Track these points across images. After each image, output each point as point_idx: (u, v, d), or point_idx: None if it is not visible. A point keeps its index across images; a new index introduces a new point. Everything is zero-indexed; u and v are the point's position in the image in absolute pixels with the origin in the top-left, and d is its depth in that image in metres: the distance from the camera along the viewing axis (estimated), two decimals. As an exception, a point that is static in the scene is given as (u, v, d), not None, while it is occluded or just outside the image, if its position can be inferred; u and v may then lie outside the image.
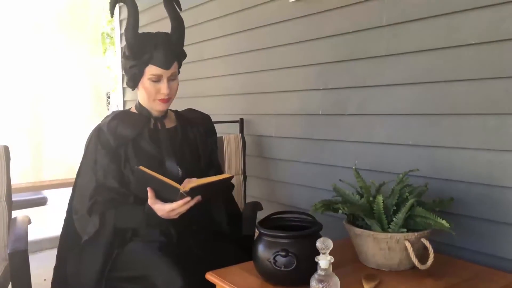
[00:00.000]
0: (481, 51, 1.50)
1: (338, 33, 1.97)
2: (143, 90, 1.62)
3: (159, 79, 1.59)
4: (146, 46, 1.57)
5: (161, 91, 1.60)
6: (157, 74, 1.58)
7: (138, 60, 1.57)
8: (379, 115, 1.84)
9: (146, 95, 1.62)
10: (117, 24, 4.23)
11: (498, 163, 1.47)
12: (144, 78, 1.59)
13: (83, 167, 1.65)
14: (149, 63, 1.57)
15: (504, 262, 1.46)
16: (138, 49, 1.56)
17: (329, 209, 1.47)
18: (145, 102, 1.66)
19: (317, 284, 1.07)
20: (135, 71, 1.58)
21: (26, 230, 1.92)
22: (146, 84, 1.59)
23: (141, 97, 1.67)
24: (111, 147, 1.59)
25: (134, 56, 1.57)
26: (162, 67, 1.58)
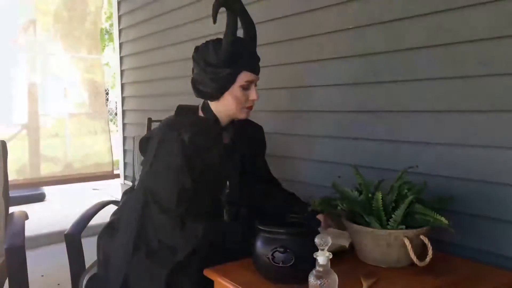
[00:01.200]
0: (480, 48, 1.49)
1: (339, 29, 1.96)
2: (231, 99, 1.53)
3: (249, 86, 1.54)
4: (240, 53, 1.51)
5: (250, 97, 1.54)
6: (250, 80, 1.53)
7: (233, 67, 1.49)
8: (379, 111, 1.83)
9: (235, 103, 1.53)
10: (116, 20, 4.22)
11: (498, 160, 1.47)
12: (235, 86, 1.52)
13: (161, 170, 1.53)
14: (243, 70, 1.51)
15: (503, 259, 1.46)
16: (235, 56, 1.49)
17: (328, 205, 1.47)
18: (228, 110, 1.56)
19: (315, 280, 1.07)
20: (227, 79, 1.50)
21: (23, 225, 1.91)
22: (237, 92, 1.52)
23: (222, 106, 1.56)
24: (189, 156, 1.50)
25: (229, 63, 1.49)
26: (254, 73, 1.54)
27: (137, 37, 3.89)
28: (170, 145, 1.51)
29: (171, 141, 1.51)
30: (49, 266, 3.17)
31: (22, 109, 4.27)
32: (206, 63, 1.51)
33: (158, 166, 1.53)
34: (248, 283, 1.27)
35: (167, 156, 1.51)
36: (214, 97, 1.54)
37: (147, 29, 3.70)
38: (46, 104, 4.35)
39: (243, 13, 1.55)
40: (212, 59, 1.50)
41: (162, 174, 1.52)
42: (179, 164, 1.48)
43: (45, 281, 2.96)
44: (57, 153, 4.37)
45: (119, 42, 4.20)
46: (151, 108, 3.67)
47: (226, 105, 1.55)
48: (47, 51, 4.32)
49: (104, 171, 4.46)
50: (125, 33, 4.10)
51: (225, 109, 1.57)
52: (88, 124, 4.53)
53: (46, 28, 4.35)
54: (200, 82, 1.54)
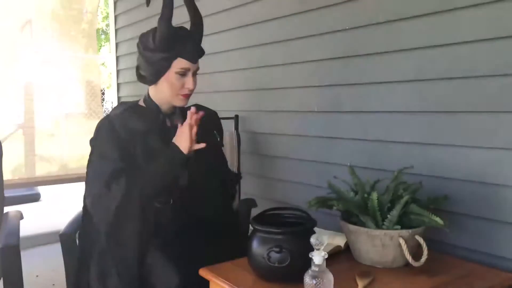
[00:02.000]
0: (476, 49, 1.50)
1: (334, 30, 1.96)
2: (166, 84, 1.57)
3: (185, 73, 1.56)
4: (176, 39, 1.54)
5: (186, 85, 1.57)
6: (185, 68, 1.55)
7: (168, 52, 1.53)
8: (374, 112, 1.84)
9: (170, 89, 1.57)
10: (112, 20, 4.21)
11: (492, 161, 1.47)
12: (170, 72, 1.55)
13: (97, 154, 1.57)
14: (178, 56, 1.54)
15: (497, 259, 1.46)
16: (169, 41, 1.53)
17: (324, 205, 1.47)
18: (164, 97, 1.61)
19: (310, 280, 1.07)
20: (163, 64, 1.54)
21: (18, 225, 1.90)
22: (172, 78, 1.55)
23: (159, 92, 1.61)
24: (121, 141, 1.55)
25: (165, 48, 1.53)
26: (190, 61, 1.56)
27: (134, 37, 3.88)
28: (101, 135, 1.56)
29: (102, 130, 1.57)
30: (43, 266, 3.16)
31: (18, 108, 4.25)
32: (144, 48, 1.57)
33: (92, 157, 1.58)
34: (243, 282, 1.27)
35: (100, 146, 1.56)
36: (151, 81, 1.60)
37: (143, 29, 3.67)
38: (42, 104, 4.33)
39: (188, 2, 1.61)
40: (150, 44, 1.55)
41: (95, 163, 1.56)
42: (109, 151, 1.52)
43: (39, 281, 2.95)
44: (53, 153, 4.35)
45: (116, 42, 4.19)
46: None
47: (161, 91, 1.60)
48: (43, 51, 4.30)
49: (99, 171, 4.44)
50: (122, 33, 4.09)
51: (161, 95, 1.61)
52: (84, 124, 4.52)
53: (43, 28, 4.34)
54: (140, 66, 1.61)
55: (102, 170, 1.50)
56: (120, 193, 1.45)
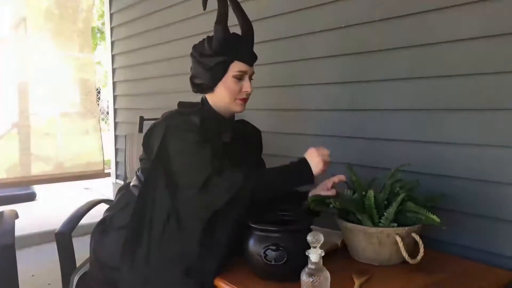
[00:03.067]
0: (473, 46, 1.50)
1: (330, 28, 1.96)
2: (224, 89, 1.52)
3: (242, 76, 1.53)
4: (232, 43, 1.51)
5: (244, 89, 1.53)
6: (243, 71, 1.52)
7: (225, 56, 1.49)
8: (372, 110, 1.84)
9: (228, 95, 1.52)
10: (108, 18, 4.19)
11: (490, 158, 1.47)
12: (227, 76, 1.51)
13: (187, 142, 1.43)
14: (235, 59, 1.51)
15: (494, 257, 1.47)
16: (226, 45, 1.50)
17: (321, 204, 1.47)
18: (222, 102, 1.55)
19: (307, 278, 1.07)
20: (220, 68, 1.50)
21: (13, 224, 1.89)
22: (229, 82, 1.51)
23: (217, 98, 1.55)
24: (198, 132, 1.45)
25: (221, 52, 1.49)
26: (247, 63, 1.53)
27: (129, 35, 3.87)
28: (179, 127, 1.46)
29: (179, 124, 1.47)
30: (39, 266, 3.15)
31: (13, 107, 4.22)
32: (200, 55, 1.53)
33: (173, 148, 1.45)
34: (240, 280, 1.26)
35: (180, 135, 1.45)
36: (208, 88, 1.54)
37: (139, 27, 3.68)
38: (37, 103, 4.31)
39: (237, 7, 1.57)
40: (206, 50, 1.51)
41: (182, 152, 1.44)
42: (196, 138, 1.43)
43: (35, 281, 2.93)
44: (48, 152, 4.33)
45: (111, 40, 4.17)
46: (143, 106, 3.65)
47: (220, 96, 1.54)
48: (38, 49, 4.28)
49: (95, 170, 4.43)
50: (117, 31, 4.08)
51: (220, 101, 1.55)
52: (80, 123, 4.50)
53: (37, 26, 4.31)
54: (196, 75, 1.55)
55: (201, 155, 1.40)
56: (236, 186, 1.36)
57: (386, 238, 1.34)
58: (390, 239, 1.34)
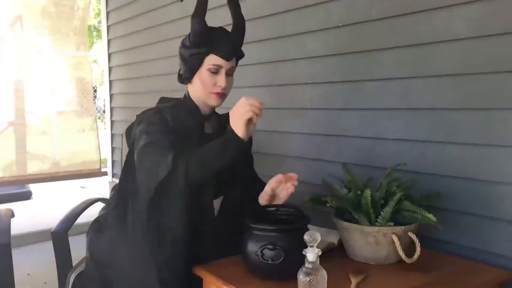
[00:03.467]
0: (470, 45, 1.50)
1: (327, 27, 1.96)
2: (198, 82, 1.54)
3: (218, 71, 1.53)
4: (209, 36, 1.52)
5: (218, 83, 1.53)
6: (217, 65, 1.52)
7: (200, 48, 1.51)
8: (368, 109, 1.84)
9: (202, 87, 1.53)
10: (104, 17, 4.18)
11: (486, 158, 1.48)
12: (202, 69, 1.52)
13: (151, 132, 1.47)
14: (210, 52, 1.51)
15: (490, 256, 1.47)
16: (202, 37, 1.51)
17: (317, 202, 1.47)
18: (199, 95, 1.56)
19: (304, 277, 1.07)
20: (194, 60, 1.52)
21: (8, 223, 1.88)
22: (204, 75, 1.52)
23: (193, 90, 1.58)
24: (172, 130, 1.49)
25: (197, 44, 1.51)
26: (223, 58, 1.53)
27: (126, 34, 3.86)
28: (153, 121, 1.51)
29: (154, 118, 1.52)
30: (35, 265, 3.14)
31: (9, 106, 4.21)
32: (181, 46, 1.57)
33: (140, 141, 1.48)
34: (237, 280, 1.26)
35: (151, 127, 1.49)
36: (185, 78, 1.58)
37: (135, 26, 3.67)
38: (33, 101, 4.29)
39: (233, 2, 1.58)
40: (186, 42, 1.55)
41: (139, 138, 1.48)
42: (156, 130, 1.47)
43: (31, 280, 2.93)
44: (44, 151, 4.31)
45: (107, 39, 4.16)
46: (140, 105, 3.64)
47: (196, 89, 1.57)
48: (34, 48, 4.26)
49: (91, 169, 4.42)
50: (113, 30, 4.07)
51: (196, 94, 1.58)
52: (76, 122, 4.49)
53: (33, 25, 4.29)
54: (179, 66, 1.60)
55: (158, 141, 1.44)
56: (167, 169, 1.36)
57: (382, 237, 1.35)
58: (386, 238, 1.34)
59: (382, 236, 1.35)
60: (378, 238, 1.35)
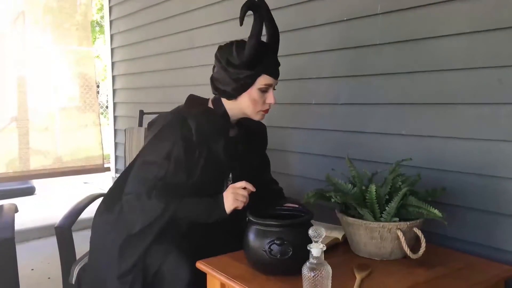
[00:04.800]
0: (474, 40, 1.49)
1: (332, 21, 1.95)
2: (248, 100, 1.53)
3: (267, 89, 1.54)
4: (261, 55, 1.51)
5: (268, 100, 1.55)
6: (269, 84, 1.53)
7: (254, 70, 1.50)
8: (372, 104, 1.83)
9: (252, 106, 1.53)
10: (107, 12, 4.17)
11: (491, 153, 1.47)
12: (253, 88, 1.52)
13: (154, 150, 1.53)
14: (263, 73, 1.51)
15: (496, 252, 1.47)
16: (255, 59, 1.49)
17: (321, 198, 1.46)
18: (244, 112, 1.57)
19: (309, 272, 1.06)
20: (247, 81, 1.50)
21: (12, 218, 1.89)
22: (254, 94, 1.52)
23: (237, 105, 1.56)
24: (191, 143, 1.51)
25: (251, 66, 1.49)
26: (274, 77, 1.54)
27: (128, 29, 3.85)
28: (173, 130, 1.51)
29: (175, 125, 1.52)
30: (39, 260, 3.15)
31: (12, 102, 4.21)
32: (227, 63, 1.51)
33: (151, 147, 1.54)
34: (240, 275, 1.26)
35: (167, 138, 1.51)
36: (231, 96, 1.54)
37: (138, 21, 3.66)
38: (36, 97, 4.29)
39: (269, 18, 1.55)
40: (234, 60, 1.50)
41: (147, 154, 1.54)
42: (163, 152, 1.50)
43: (35, 275, 2.93)
44: (47, 147, 4.32)
45: (110, 34, 4.15)
46: (143, 100, 3.64)
47: (242, 105, 1.56)
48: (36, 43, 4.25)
49: (94, 165, 4.42)
50: (116, 25, 4.06)
51: (240, 109, 1.57)
52: (79, 117, 4.48)
53: (36, 20, 4.28)
54: (220, 80, 1.55)
55: (152, 173, 1.50)
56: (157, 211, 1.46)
57: (387, 233, 1.34)
58: (391, 234, 1.34)
59: (387, 231, 1.34)
60: (383, 234, 1.34)
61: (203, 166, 1.52)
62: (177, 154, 1.49)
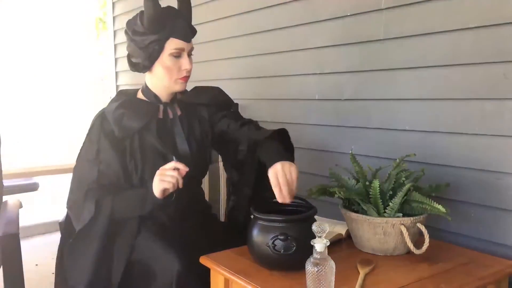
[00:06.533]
0: (479, 35, 1.48)
1: (335, 17, 1.94)
2: (161, 69, 1.48)
3: (180, 54, 1.48)
4: (165, 19, 1.45)
5: (183, 67, 1.49)
6: (180, 48, 1.47)
7: (158, 34, 1.44)
8: (376, 100, 1.82)
9: (167, 74, 1.49)
10: (110, 8, 4.17)
11: (495, 148, 1.46)
12: (163, 55, 1.47)
13: (83, 154, 1.52)
14: (170, 36, 1.45)
15: (499, 247, 1.46)
16: (158, 22, 1.44)
17: (325, 193, 1.47)
18: (162, 84, 1.53)
19: (312, 267, 1.06)
20: (154, 47, 1.45)
21: (17, 213, 1.90)
22: (167, 61, 1.47)
23: (155, 79, 1.53)
24: (115, 138, 1.48)
25: (154, 29, 1.43)
26: (184, 40, 1.48)
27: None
28: (95, 129, 1.51)
29: (97, 124, 1.51)
30: (43, 255, 3.16)
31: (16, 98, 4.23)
32: (133, 33, 1.48)
33: (81, 152, 1.54)
34: (244, 270, 1.26)
35: (91, 139, 1.51)
36: (145, 67, 1.51)
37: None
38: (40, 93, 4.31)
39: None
40: (139, 28, 1.47)
41: (79, 161, 1.53)
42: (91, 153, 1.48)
43: (39, 270, 2.95)
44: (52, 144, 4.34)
45: (113, 30, 4.15)
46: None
47: (158, 77, 1.52)
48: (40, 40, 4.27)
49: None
50: (119, 21, 4.05)
51: (159, 82, 1.53)
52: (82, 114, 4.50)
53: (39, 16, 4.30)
54: (132, 54, 1.53)
55: (85, 176, 1.48)
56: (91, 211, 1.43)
57: (391, 228, 1.34)
58: (395, 229, 1.34)
59: (390, 227, 1.34)
60: (387, 229, 1.34)
61: (141, 157, 1.49)
62: (104, 154, 1.47)
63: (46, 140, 4.33)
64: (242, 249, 1.38)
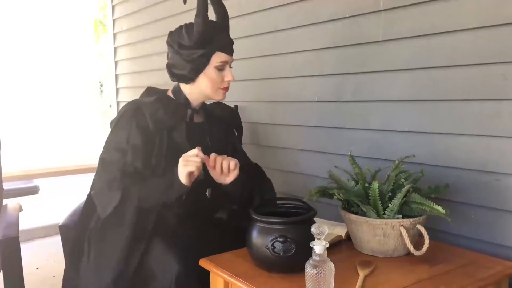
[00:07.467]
0: (478, 36, 1.48)
1: (334, 18, 1.94)
2: (206, 81, 1.54)
3: (224, 66, 1.55)
4: (212, 33, 1.52)
5: (226, 78, 1.56)
6: (225, 61, 1.54)
7: (206, 48, 1.50)
8: (375, 101, 1.82)
9: (211, 85, 1.55)
10: (110, 10, 4.17)
11: (495, 149, 1.46)
12: (209, 67, 1.53)
13: (111, 142, 1.53)
14: (216, 51, 1.52)
15: (499, 248, 1.46)
16: (206, 37, 1.50)
17: (324, 195, 1.47)
18: (204, 93, 1.58)
19: (312, 269, 1.06)
20: (202, 61, 1.51)
21: (17, 217, 1.90)
22: (212, 73, 1.54)
23: (196, 88, 1.58)
24: (146, 130, 1.51)
25: (203, 44, 1.50)
26: (228, 53, 1.55)
27: (132, 27, 3.86)
28: (128, 119, 1.52)
29: (130, 114, 1.53)
30: (44, 258, 3.17)
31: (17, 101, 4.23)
32: (180, 46, 1.53)
33: (109, 139, 1.55)
34: (244, 273, 1.26)
35: (122, 128, 1.52)
36: (189, 79, 1.56)
37: (141, 19, 3.66)
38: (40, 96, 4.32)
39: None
40: (186, 42, 1.52)
41: (109, 151, 1.52)
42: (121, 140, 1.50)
43: (40, 273, 2.95)
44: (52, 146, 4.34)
45: (113, 32, 4.16)
46: (146, 99, 3.64)
47: (201, 87, 1.57)
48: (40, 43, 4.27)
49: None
50: (119, 23, 4.06)
51: (200, 91, 1.58)
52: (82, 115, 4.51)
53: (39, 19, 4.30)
54: (175, 65, 1.57)
55: (112, 163, 1.48)
56: (116, 199, 1.43)
57: (390, 230, 1.34)
58: (394, 231, 1.34)
59: (390, 228, 1.34)
60: (386, 231, 1.34)
61: (166, 155, 1.52)
62: (134, 142, 1.49)
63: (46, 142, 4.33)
64: (241, 252, 1.38)
